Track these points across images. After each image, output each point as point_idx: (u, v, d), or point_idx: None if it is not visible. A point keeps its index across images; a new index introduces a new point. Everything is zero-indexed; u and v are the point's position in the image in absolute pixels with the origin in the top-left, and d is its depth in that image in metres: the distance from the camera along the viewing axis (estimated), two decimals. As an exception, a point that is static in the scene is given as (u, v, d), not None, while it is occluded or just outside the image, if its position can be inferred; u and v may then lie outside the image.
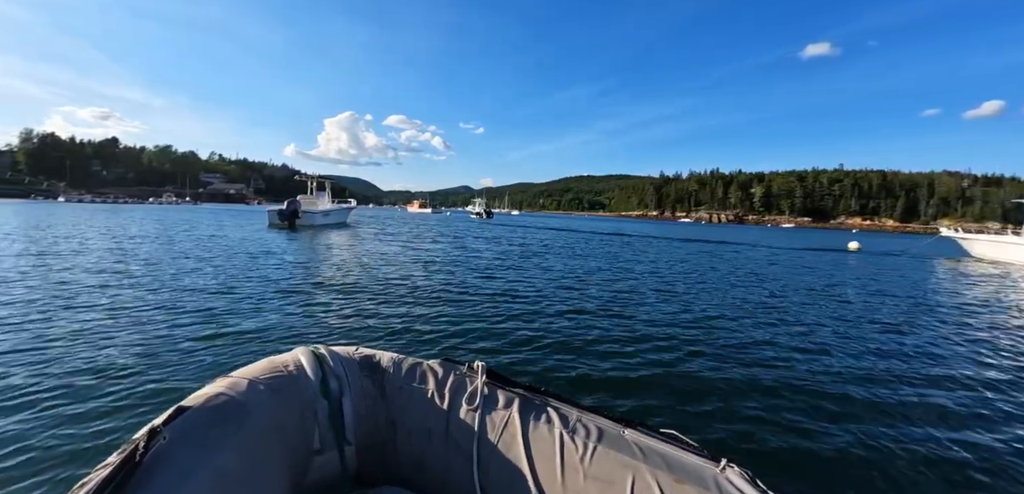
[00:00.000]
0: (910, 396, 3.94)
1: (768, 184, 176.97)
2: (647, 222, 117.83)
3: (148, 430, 1.01)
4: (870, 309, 7.89)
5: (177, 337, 4.53)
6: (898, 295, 9.68)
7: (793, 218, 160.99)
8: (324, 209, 28.63)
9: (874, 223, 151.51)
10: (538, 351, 4.69)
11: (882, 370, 4.61)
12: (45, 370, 3.56)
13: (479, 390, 1.49)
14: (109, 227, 19.65)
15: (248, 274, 8.59)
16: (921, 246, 29.88)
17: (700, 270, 12.77)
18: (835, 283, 11.29)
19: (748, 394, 3.82)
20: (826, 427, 3.28)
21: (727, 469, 1.17)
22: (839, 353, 5.14)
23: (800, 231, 79.27)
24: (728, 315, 6.85)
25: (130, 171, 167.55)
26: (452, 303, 6.79)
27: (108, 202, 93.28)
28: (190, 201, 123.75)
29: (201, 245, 13.44)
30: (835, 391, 3.97)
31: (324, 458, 1.43)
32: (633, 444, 1.28)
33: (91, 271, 8.17)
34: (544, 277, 9.97)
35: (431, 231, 28.33)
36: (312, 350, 1.55)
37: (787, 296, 8.89)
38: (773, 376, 4.26)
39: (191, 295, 6.50)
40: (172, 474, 0.95)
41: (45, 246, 11.75)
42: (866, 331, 6.27)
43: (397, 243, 17.63)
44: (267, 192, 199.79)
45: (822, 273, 13.42)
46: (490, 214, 72.17)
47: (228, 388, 1.24)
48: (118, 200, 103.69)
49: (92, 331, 4.61)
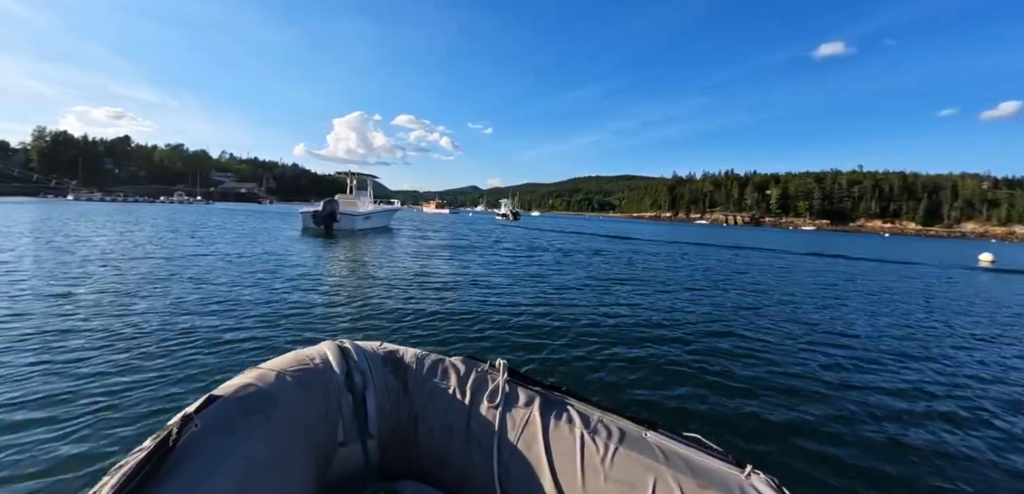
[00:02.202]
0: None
1: (785, 185, 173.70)
2: (662, 224, 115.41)
3: (181, 417, 1.05)
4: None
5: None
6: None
7: (812, 220, 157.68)
8: (365, 211, 24.83)
9: (895, 226, 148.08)
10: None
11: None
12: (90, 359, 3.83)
13: (500, 388, 1.50)
14: (106, 248, 13.06)
15: (287, 316, 5.72)
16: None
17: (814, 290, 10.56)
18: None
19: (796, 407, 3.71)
20: (863, 440, 3.23)
21: (752, 475, 1.15)
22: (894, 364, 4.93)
23: (871, 238, 74.69)
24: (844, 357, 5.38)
25: (142, 170, 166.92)
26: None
27: (118, 200, 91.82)
28: (202, 200, 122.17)
29: (214, 274, 8.69)
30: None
31: (348, 450, 1.45)
32: (655, 446, 1.26)
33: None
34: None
35: (482, 238, 24.12)
36: (338, 344, 1.57)
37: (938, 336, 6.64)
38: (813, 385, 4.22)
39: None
40: (203, 460, 0.98)
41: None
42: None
43: (480, 262, 12.58)
44: (277, 191, 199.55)
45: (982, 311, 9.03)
46: (517, 216, 68.26)
47: (257, 379, 1.27)
48: (128, 199, 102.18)
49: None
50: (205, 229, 18.62)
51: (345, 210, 22.58)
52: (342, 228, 21.94)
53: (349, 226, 22.45)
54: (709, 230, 70.01)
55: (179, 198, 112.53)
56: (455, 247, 16.82)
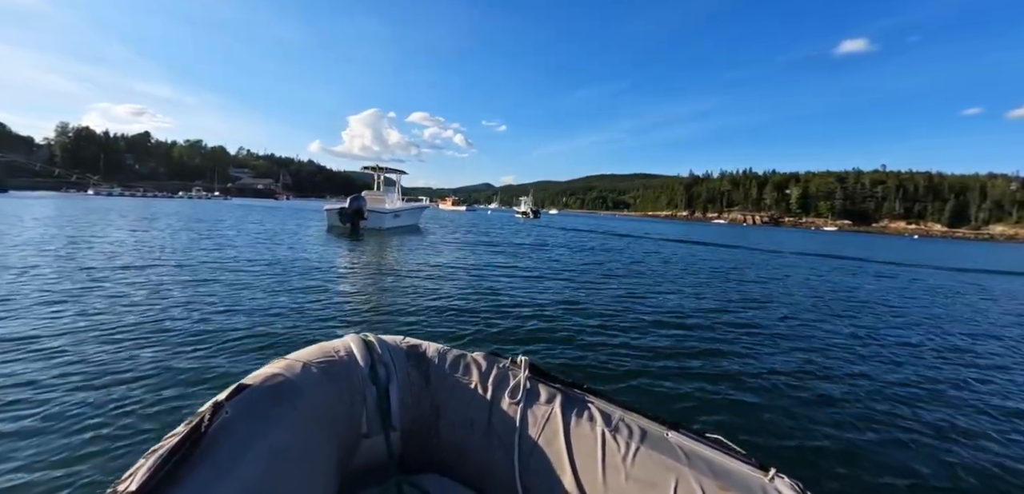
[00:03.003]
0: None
1: (805, 185, 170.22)
2: (679, 223, 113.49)
3: (212, 404, 1.08)
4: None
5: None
6: None
7: (833, 221, 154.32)
8: (393, 209, 23.10)
9: (920, 227, 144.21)
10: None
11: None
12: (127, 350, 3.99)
13: (521, 384, 1.49)
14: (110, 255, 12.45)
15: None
16: None
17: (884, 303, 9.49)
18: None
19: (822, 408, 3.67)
20: (897, 451, 3.13)
21: (776, 479, 1.13)
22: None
23: (902, 240, 72.26)
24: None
25: (161, 165, 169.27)
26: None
27: (137, 195, 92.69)
28: (219, 195, 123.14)
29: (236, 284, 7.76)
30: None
31: (371, 442, 1.47)
32: (677, 447, 1.25)
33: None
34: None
35: (513, 236, 22.95)
36: (362, 337, 1.59)
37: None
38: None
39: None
40: (233, 447, 1.00)
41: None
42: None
43: (529, 272, 10.41)
44: (294, 188, 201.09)
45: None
46: (537, 214, 66.84)
47: (284, 369, 1.29)
48: (147, 194, 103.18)
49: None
50: (224, 229, 17.75)
51: (372, 208, 21.13)
52: (369, 227, 20.58)
53: (376, 225, 21.05)
54: (729, 230, 68.06)
55: (197, 193, 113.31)
56: (492, 246, 15.76)
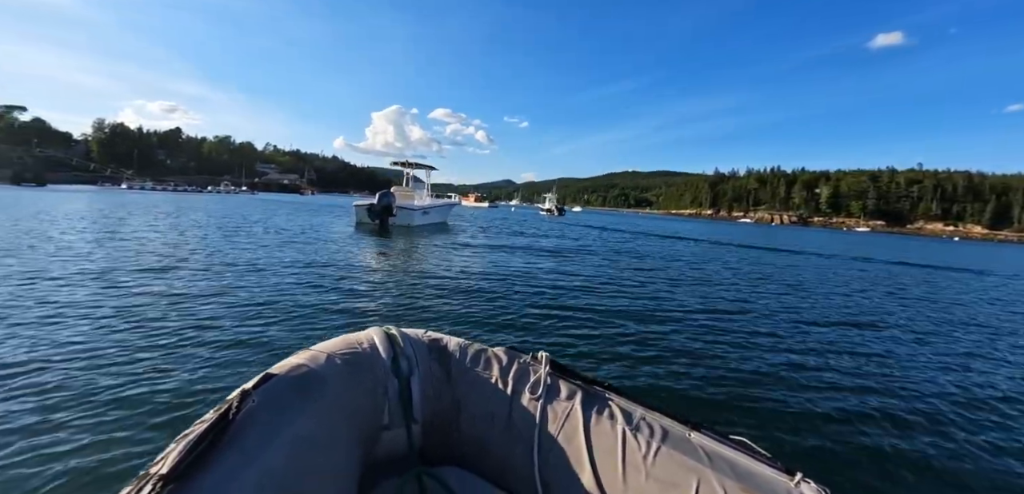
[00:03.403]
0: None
1: (836, 184, 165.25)
2: (703, 222, 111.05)
3: (240, 392, 1.11)
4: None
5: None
6: None
7: (866, 221, 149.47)
8: (423, 206, 22.23)
9: (958, 229, 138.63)
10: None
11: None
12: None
13: (542, 380, 1.50)
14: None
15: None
16: None
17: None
18: None
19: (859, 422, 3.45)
20: (934, 461, 2.99)
21: (802, 484, 1.10)
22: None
23: (944, 243, 69.54)
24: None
25: (192, 160, 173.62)
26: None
27: (168, 190, 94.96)
28: (247, 190, 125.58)
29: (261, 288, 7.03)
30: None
31: (392, 434, 1.48)
32: (699, 447, 1.24)
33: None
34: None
35: (549, 235, 21.67)
36: (384, 330, 1.59)
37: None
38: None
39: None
40: (259, 434, 1.03)
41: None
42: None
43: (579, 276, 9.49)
44: (318, 183, 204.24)
45: None
46: (562, 211, 65.45)
47: (309, 360, 1.32)
48: (178, 188, 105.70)
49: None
50: (253, 226, 17.50)
51: (402, 204, 20.29)
52: (398, 223, 19.91)
53: (406, 221, 20.34)
54: (759, 230, 65.91)
55: (226, 188, 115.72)
56: (538, 251, 14.58)
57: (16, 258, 7.66)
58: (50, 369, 3.32)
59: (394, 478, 1.44)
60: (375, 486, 1.43)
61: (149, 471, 0.90)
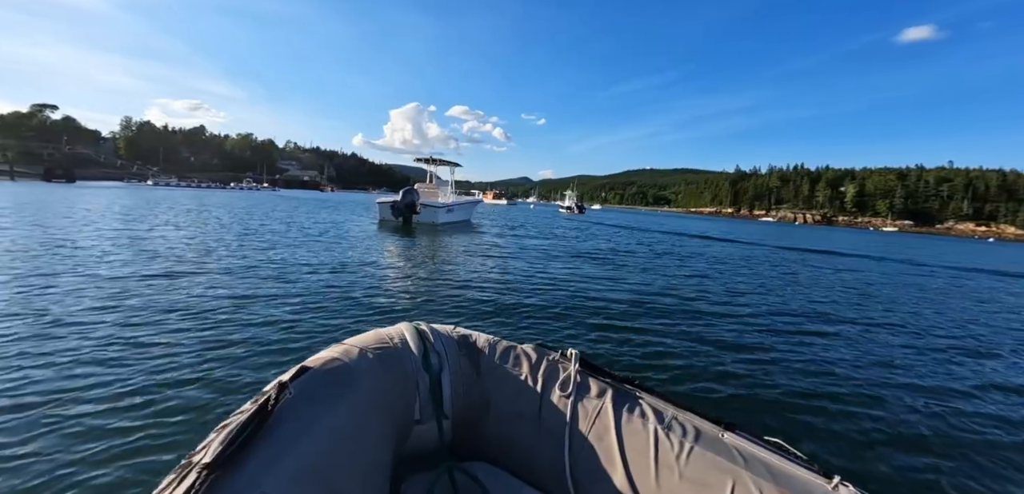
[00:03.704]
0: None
1: (862, 182, 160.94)
2: (723, 220, 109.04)
3: (277, 384, 1.13)
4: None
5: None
6: None
7: (893, 220, 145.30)
8: (447, 203, 21.71)
9: (990, 229, 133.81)
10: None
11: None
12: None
13: (572, 377, 1.49)
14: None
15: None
16: None
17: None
18: None
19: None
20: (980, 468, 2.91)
21: (841, 487, 1.08)
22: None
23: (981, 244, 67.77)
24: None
25: (215, 157, 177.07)
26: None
27: (192, 186, 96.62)
28: (268, 187, 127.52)
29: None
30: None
31: (424, 428, 1.48)
32: (733, 448, 1.22)
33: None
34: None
35: (574, 236, 20.50)
36: (415, 326, 1.60)
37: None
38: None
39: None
40: (296, 425, 1.04)
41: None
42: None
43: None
44: (338, 180, 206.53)
45: None
46: (582, 209, 64.57)
47: (342, 354, 1.33)
48: (201, 185, 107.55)
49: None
50: (276, 224, 17.32)
51: (426, 201, 20.01)
52: (422, 221, 19.69)
53: (430, 219, 20.01)
54: (784, 229, 64.47)
55: (248, 184, 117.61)
56: (573, 255, 13.96)
57: (51, 256, 7.69)
58: (97, 363, 3.43)
59: (425, 472, 1.45)
60: (407, 479, 1.43)
61: (192, 459, 0.91)
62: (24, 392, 2.93)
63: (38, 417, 2.63)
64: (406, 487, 1.41)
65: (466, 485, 1.41)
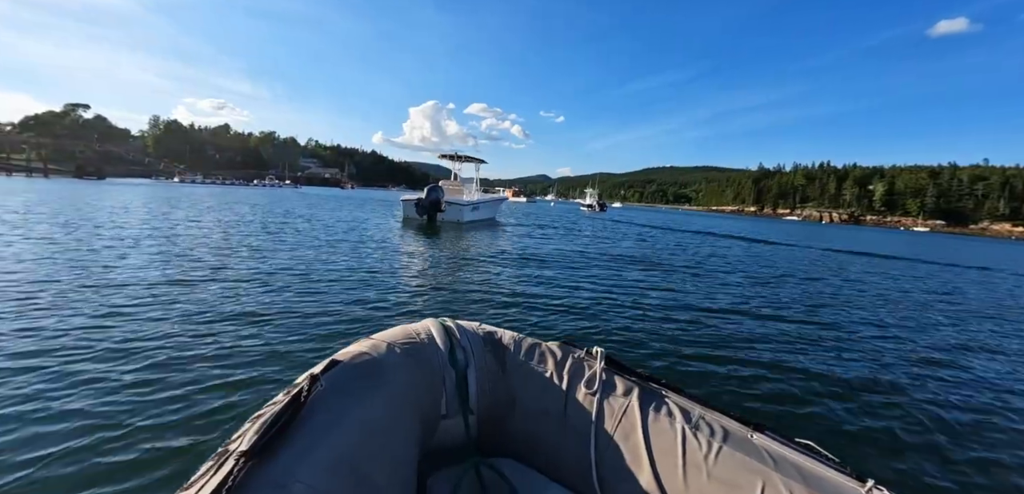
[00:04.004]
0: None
1: (891, 180, 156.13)
2: (751, 219, 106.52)
3: (309, 376, 1.15)
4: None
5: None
6: None
7: (924, 220, 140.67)
8: (473, 201, 20.76)
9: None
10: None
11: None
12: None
13: (598, 375, 1.48)
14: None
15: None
16: None
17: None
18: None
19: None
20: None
21: (874, 491, 1.05)
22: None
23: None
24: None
25: (239, 155, 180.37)
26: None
27: (217, 183, 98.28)
28: (290, 184, 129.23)
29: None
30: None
31: (450, 423, 1.49)
32: (762, 449, 1.19)
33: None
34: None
35: (606, 237, 19.20)
36: (441, 322, 1.61)
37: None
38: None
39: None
40: (327, 417, 1.06)
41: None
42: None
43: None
44: (358, 177, 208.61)
45: None
46: (603, 207, 63.20)
47: (370, 349, 1.33)
48: (225, 182, 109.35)
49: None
50: (298, 222, 17.06)
51: (450, 199, 19.26)
52: (447, 219, 19.00)
53: (455, 217, 19.20)
54: (814, 229, 62.45)
55: (270, 181, 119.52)
56: (603, 256, 13.48)
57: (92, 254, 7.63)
58: (138, 354, 3.53)
59: (452, 467, 1.45)
60: (434, 474, 1.43)
61: (228, 448, 0.93)
62: (73, 370, 3.17)
63: (85, 405, 2.74)
64: (433, 481, 1.41)
65: (493, 481, 1.41)
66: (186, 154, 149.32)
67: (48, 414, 2.58)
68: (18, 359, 3.28)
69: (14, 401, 2.69)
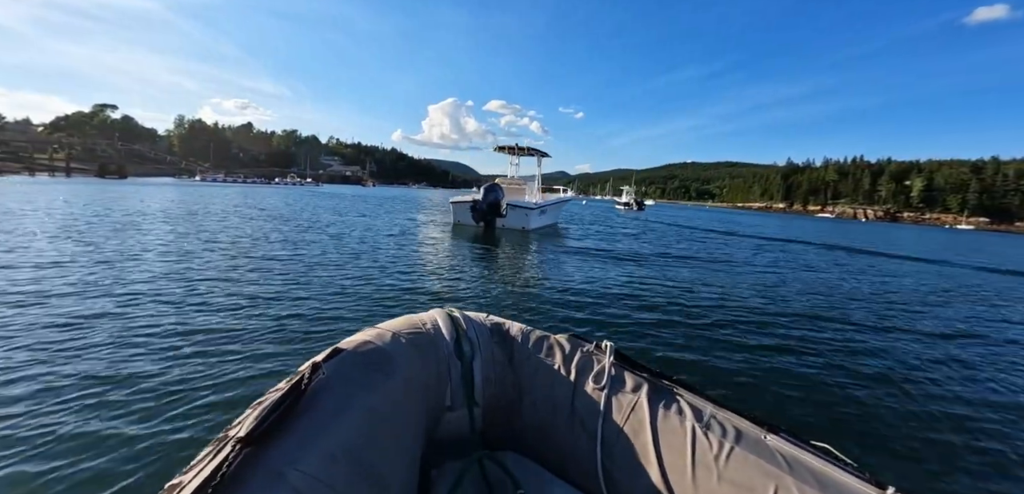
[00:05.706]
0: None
1: (930, 176, 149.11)
2: (780, 216, 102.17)
3: (311, 364, 1.13)
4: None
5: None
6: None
7: (966, 218, 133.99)
8: (539, 204, 17.04)
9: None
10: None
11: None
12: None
13: (606, 370, 1.45)
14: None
15: None
16: None
17: None
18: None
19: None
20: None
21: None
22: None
23: None
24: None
25: (262, 153, 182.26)
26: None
27: (238, 182, 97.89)
28: (312, 182, 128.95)
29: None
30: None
31: (455, 415, 1.47)
32: (776, 451, 1.14)
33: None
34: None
35: (675, 245, 16.07)
36: (447, 312, 1.59)
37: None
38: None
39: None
40: (329, 405, 1.04)
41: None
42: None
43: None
44: (378, 175, 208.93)
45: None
46: (641, 205, 59.18)
47: (375, 337, 1.32)
48: (247, 180, 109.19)
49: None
50: (325, 227, 15.23)
51: (513, 201, 16.08)
52: (509, 226, 15.83)
53: (519, 223, 15.86)
54: (850, 227, 58.46)
55: (292, 180, 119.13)
56: (699, 260, 11.30)
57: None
58: (145, 345, 3.72)
59: (456, 459, 1.42)
60: (437, 465, 1.41)
61: (228, 433, 0.92)
62: (90, 358, 3.40)
63: (101, 389, 2.94)
64: (436, 473, 1.38)
65: (496, 475, 1.38)
66: (210, 153, 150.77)
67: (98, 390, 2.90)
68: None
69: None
